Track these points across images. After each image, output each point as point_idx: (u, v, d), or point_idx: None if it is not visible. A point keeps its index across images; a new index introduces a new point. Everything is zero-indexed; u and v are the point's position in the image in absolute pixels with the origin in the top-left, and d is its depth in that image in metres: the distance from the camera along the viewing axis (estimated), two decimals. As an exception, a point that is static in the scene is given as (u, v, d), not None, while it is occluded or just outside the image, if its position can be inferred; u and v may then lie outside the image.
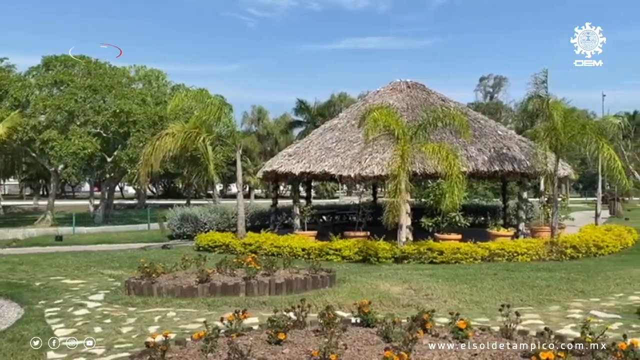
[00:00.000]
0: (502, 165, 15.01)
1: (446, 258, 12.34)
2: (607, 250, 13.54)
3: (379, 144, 14.85)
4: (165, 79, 31.51)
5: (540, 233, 14.99)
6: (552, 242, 13.12)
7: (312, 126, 36.75)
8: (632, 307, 7.53)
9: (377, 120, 12.53)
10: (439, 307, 7.38)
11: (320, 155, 15.89)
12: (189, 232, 18.63)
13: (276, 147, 49.76)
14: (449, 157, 12.52)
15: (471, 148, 15.38)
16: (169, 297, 8.38)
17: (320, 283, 9.16)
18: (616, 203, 30.97)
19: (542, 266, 11.70)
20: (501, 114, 64.98)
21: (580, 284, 9.43)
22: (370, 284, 9.51)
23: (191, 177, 35.75)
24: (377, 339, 5.07)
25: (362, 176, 14.84)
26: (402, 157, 12.64)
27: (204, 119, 15.18)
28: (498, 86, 77.55)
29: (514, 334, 5.12)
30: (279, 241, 13.90)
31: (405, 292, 8.84)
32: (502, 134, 16.92)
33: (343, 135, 16.60)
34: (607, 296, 8.48)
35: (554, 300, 8.16)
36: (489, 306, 7.60)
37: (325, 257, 12.86)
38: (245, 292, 8.57)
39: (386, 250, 12.51)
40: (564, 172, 16.36)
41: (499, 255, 12.60)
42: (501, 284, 9.49)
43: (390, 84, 19.12)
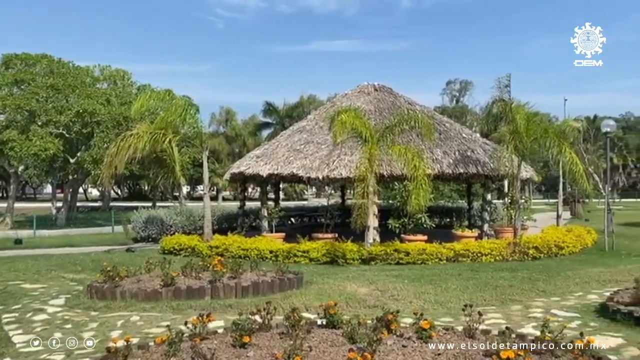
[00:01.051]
0: (467, 168, 15.28)
1: (412, 259, 12.48)
2: (568, 251, 13.90)
3: (347, 146, 14.93)
4: (130, 79, 30.95)
5: (504, 234, 15.30)
6: (515, 242, 13.40)
7: (281, 128, 36.68)
8: (590, 306, 7.76)
9: (345, 123, 12.60)
10: (405, 308, 7.45)
11: (288, 157, 15.87)
12: (154, 235, 18.33)
13: (244, 148, 49.46)
14: (414, 159, 12.68)
15: (437, 150, 15.61)
16: (133, 301, 8.22)
17: (287, 285, 9.14)
18: (577, 205, 31.85)
19: (505, 266, 11.95)
20: (467, 118, 66.18)
21: (542, 283, 9.67)
22: (337, 286, 9.56)
23: (157, 179, 35.18)
24: (342, 340, 5.08)
25: (330, 178, 14.88)
26: (370, 160, 12.73)
27: (169, 120, 14.95)
28: (464, 90, 79.12)
29: (476, 334, 5.20)
30: (246, 243, 13.80)
31: (372, 293, 8.90)
32: (467, 137, 17.24)
33: (311, 137, 16.63)
34: (566, 295, 8.70)
35: (516, 300, 8.34)
36: (453, 306, 7.72)
37: (293, 259, 12.84)
38: (210, 295, 8.47)
39: (354, 252, 12.57)
40: (527, 174, 16.76)
41: (463, 255, 12.81)
42: (465, 284, 9.66)
43: (358, 87, 19.26)
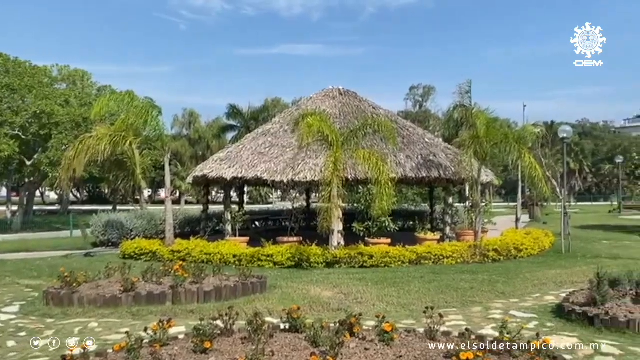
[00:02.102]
0: (429, 172, 15.49)
1: (376, 262, 12.56)
2: (526, 253, 14.23)
3: (312, 149, 14.93)
4: (90, 80, 30.28)
5: (465, 237, 15.59)
6: (475, 245, 13.66)
7: (246, 131, 36.36)
8: (547, 307, 7.97)
9: (312, 126, 12.60)
10: (368, 311, 7.49)
11: (252, 160, 15.76)
12: (115, 240, 17.90)
13: (208, 151, 48.92)
14: (378, 163, 12.78)
15: (400, 155, 15.78)
16: (91, 307, 8.02)
17: (250, 290, 9.07)
18: (535, 208, 32.72)
19: (466, 269, 12.16)
20: (430, 122, 67.24)
21: (501, 285, 9.88)
22: (301, 289, 9.54)
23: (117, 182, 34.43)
24: (305, 344, 5.07)
25: (295, 182, 14.85)
26: (335, 163, 12.78)
27: (130, 122, 14.68)
28: (427, 95, 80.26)
29: (437, 335, 5.27)
30: (209, 248, 13.63)
31: (336, 297, 8.93)
32: (430, 141, 17.50)
33: (276, 141, 16.56)
34: (525, 297, 8.91)
35: (476, 302, 8.49)
36: (416, 308, 7.80)
37: (257, 263, 12.75)
38: (172, 300, 8.33)
39: (318, 255, 12.57)
40: (487, 178, 17.12)
41: (426, 258, 12.98)
42: (428, 286, 9.79)
43: (323, 91, 19.30)
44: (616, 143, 77.41)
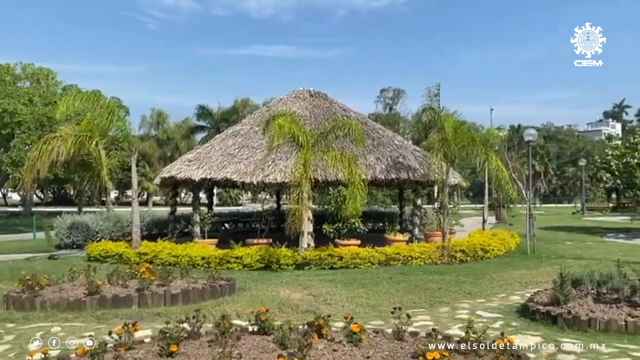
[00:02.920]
0: (399, 174, 15.63)
1: (346, 263, 12.60)
2: (493, 254, 14.48)
3: (282, 150, 14.90)
4: (55, 79, 29.54)
5: (433, 238, 15.77)
6: (443, 246, 13.83)
7: (216, 131, 36.12)
8: (513, 307, 8.12)
9: (282, 127, 12.55)
10: (337, 312, 7.51)
11: (222, 162, 15.63)
12: (80, 242, 17.48)
13: (177, 152, 48.35)
14: (351, 165, 12.83)
15: (370, 157, 15.88)
16: (54, 311, 7.81)
17: (219, 292, 8.98)
18: (502, 210, 33.34)
19: (434, 269, 12.30)
20: (399, 125, 67.92)
21: (468, 286, 10.02)
22: (270, 291, 9.50)
23: (83, 183, 33.69)
24: (273, 346, 5.04)
25: (265, 183, 14.77)
26: (305, 165, 12.76)
27: (97, 122, 14.38)
28: (397, 98, 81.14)
29: (405, 336, 5.31)
30: (177, 250, 13.44)
31: (305, 298, 8.91)
32: (399, 143, 17.66)
33: (246, 142, 16.46)
34: (491, 297, 9.07)
35: (444, 302, 8.60)
36: (384, 309, 7.84)
37: (226, 265, 12.62)
38: (138, 303, 8.18)
39: (288, 257, 12.53)
40: (455, 180, 17.37)
41: (395, 259, 13.07)
42: (396, 287, 9.87)
43: (293, 92, 19.28)
44: (579, 146, 79.67)
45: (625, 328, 6.29)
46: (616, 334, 6.22)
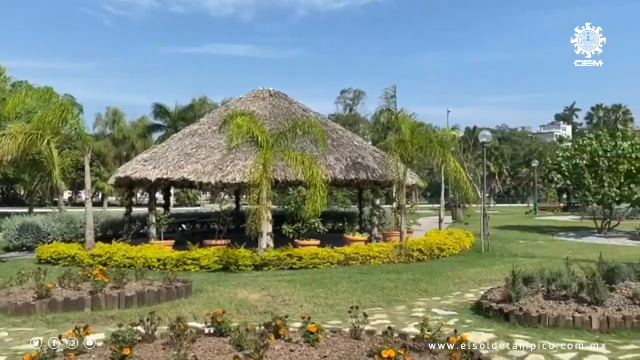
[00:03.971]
0: (358, 174, 15.75)
1: (305, 263, 12.60)
2: (449, 253, 14.78)
3: (241, 150, 14.77)
4: (4, 74, 28.39)
5: (391, 237, 15.98)
6: (401, 245, 14.01)
7: (173, 130, 35.46)
8: (467, 304, 8.30)
9: (241, 126, 12.43)
10: (295, 312, 7.49)
11: (178, 161, 15.37)
12: (30, 244, 16.84)
13: (133, 151, 47.30)
14: (311, 165, 12.83)
15: (329, 157, 15.94)
16: (1, 316, 7.50)
17: (175, 294, 8.82)
18: (458, 209, 34.12)
19: (391, 268, 12.45)
20: (359, 126, 68.49)
21: (424, 284, 10.19)
22: (228, 293, 9.40)
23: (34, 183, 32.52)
24: (229, 348, 4.99)
25: (224, 183, 14.62)
26: (265, 165, 12.67)
27: (48, 120, 13.87)
28: (357, 99, 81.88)
29: (362, 335, 5.34)
30: (132, 251, 13.14)
31: (263, 299, 8.87)
32: (358, 144, 17.80)
33: (204, 141, 16.24)
34: (446, 295, 9.25)
35: (400, 301, 8.72)
36: (342, 308, 7.87)
37: (183, 267, 12.41)
38: (91, 306, 7.95)
39: (247, 258, 12.43)
40: (413, 180, 17.64)
41: (353, 259, 13.16)
42: (355, 286, 9.93)
43: (253, 92, 19.16)
44: (532, 148, 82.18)
45: (572, 323, 6.52)
46: (564, 329, 6.44)
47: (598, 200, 22.09)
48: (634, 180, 21.47)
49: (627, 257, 12.43)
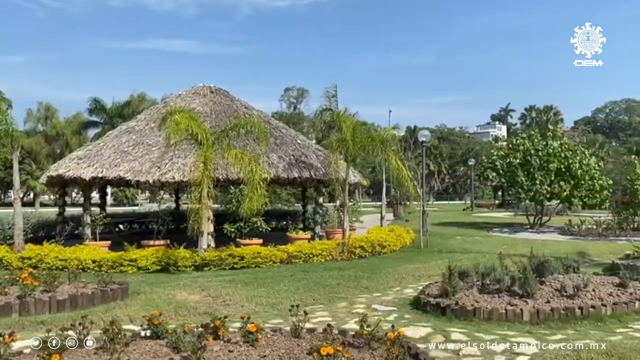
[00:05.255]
0: (301, 172, 15.76)
1: (247, 263, 12.47)
2: (390, 249, 15.04)
3: (180, 148, 14.43)
4: None
5: (334, 235, 16.09)
6: (343, 243, 14.14)
7: (110, 127, 34.27)
8: (406, 299, 8.47)
9: (180, 124, 12.14)
10: (236, 313, 7.40)
11: (115, 159, 14.84)
12: (-48, 247, 15.79)
13: (67, 149, 45.42)
14: (251, 163, 12.71)
15: (272, 155, 15.86)
16: None
17: (111, 297, 8.52)
18: (399, 207, 34.80)
19: (334, 266, 12.55)
20: (303, 124, 68.59)
21: (366, 280, 10.32)
22: (167, 294, 9.17)
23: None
24: (166, 351, 4.86)
25: (162, 182, 14.24)
26: (205, 163, 12.46)
27: (-28, 115, 13.06)
28: (301, 97, 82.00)
29: (302, 333, 5.34)
30: (65, 253, 12.57)
31: (203, 300, 8.71)
32: (301, 142, 17.81)
33: (141, 139, 15.76)
34: (387, 290, 9.40)
35: (342, 298, 8.79)
36: (284, 307, 7.84)
37: (120, 268, 12.01)
38: (19, 311, 7.55)
39: (186, 259, 12.17)
40: (355, 179, 17.83)
41: (296, 257, 13.15)
42: (297, 285, 9.93)
43: (193, 88, 18.78)
44: (470, 147, 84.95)
45: (505, 316, 6.78)
46: (498, 321, 6.69)
47: (530, 198, 23.13)
48: (564, 178, 22.63)
49: (556, 251, 13.07)
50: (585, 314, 6.75)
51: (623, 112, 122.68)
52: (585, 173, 22.44)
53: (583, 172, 22.43)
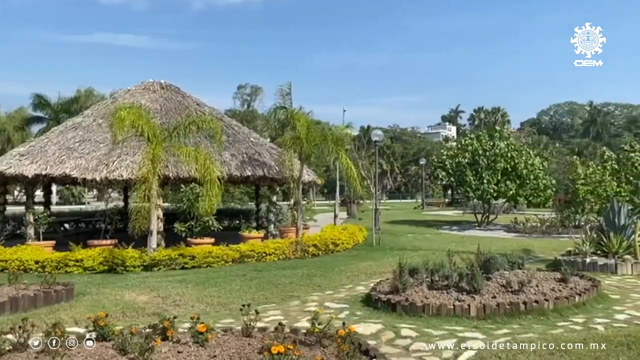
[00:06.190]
0: (254, 171, 15.65)
1: (198, 262, 12.28)
2: (343, 247, 15.14)
3: (129, 145, 14.08)
4: None
5: (288, 234, 16.06)
6: (297, 241, 14.14)
7: (55, 123, 32.96)
8: (358, 297, 8.53)
9: (125, 120, 11.77)
10: (186, 313, 7.27)
11: (60, 156, 14.30)
12: None
13: (9, 145, 43.39)
14: (206, 162, 12.51)
15: (225, 153, 15.67)
16: None
17: (55, 298, 8.21)
18: (352, 205, 35.09)
19: (287, 264, 12.53)
20: (257, 122, 68.12)
21: (319, 279, 10.35)
22: (114, 295, 8.93)
23: None
24: (112, 353, 4.71)
25: (110, 180, 13.83)
26: (154, 161, 12.17)
27: None
28: (255, 95, 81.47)
29: (253, 332, 5.31)
30: (5, 254, 12.03)
31: (152, 301, 8.52)
32: (255, 140, 17.68)
33: (88, 135, 15.25)
34: (339, 288, 9.45)
35: (295, 296, 8.77)
36: (236, 307, 7.74)
37: (65, 269, 11.59)
38: (-48, 317, 7.17)
39: (135, 259, 11.87)
40: (309, 177, 17.84)
41: (249, 256, 13.05)
42: (249, 284, 9.86)
43: (143, 84, 18.32)
44: (421, 147, 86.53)
45: (453, 311, 6.94)
46: (446, 317, 6.84)
47: (478, 196, 23.81)
48: (510, 178, 23.41)
49: (502, 248, 13.44)
50: (529, 309, 6.99)
51: (566, 115, 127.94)
52: (530, 173, 23.27)
53: (528, 172, 23.26)
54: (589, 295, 7.71)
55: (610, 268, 10.63)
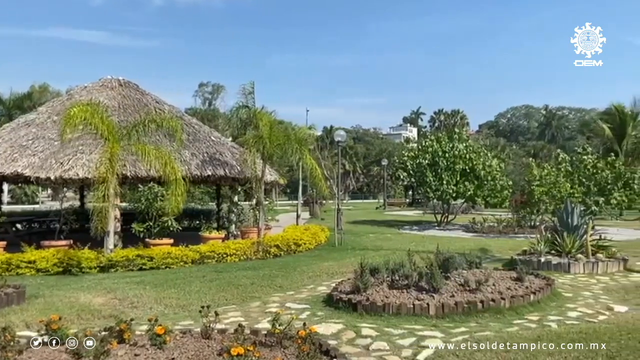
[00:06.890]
0: (215, 170, 15.46)
1: (156, 264, 12.04)
2: (305, 248, 15.13)
3: (85, 144, 13.71)
4: None
5: (249, 234, 15.93)
6: (258, 242, 14.04)
7: (8, 120, 31.78)
8: (319, 297, 8.54)
9: (74, 117, 11.36)
10: (144, 315, 7.11)
11: (11, 154, 13.80)
12: None
13: (-43, 142, 41.47)
14: (170, 161, 12.27)
15: (185, 152, 15.44)
16: None
17: (5, 301, 7.90)
18: (315, 205, 35.13)
19: (248, 265, 12.43)
20: (219, 121, 67.41)
21: (280, 279, 10.31)
22: (69, 297, 8.66)
23: None
24: (66, 357, 4.56)
25: (65, 179, 13.41)
26: (111, 160, 11.84)
27: None
28: (216, 93, 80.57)
29: (213, 334, 5.23)
30: (-49, 255, 11.51)
31: (109, 303, 8.30)
32: (216, 139, 17.48)
33: (42, 132, 14.76)
34: (300, 289, 9.43)
35: (255, 297, 8.70)
36: (195, 308, 7.62)
37: (16, 270, 11.18)
38: None
39: (91, 260, 11.55)
40: (272, 177, 17.76)
41: (209, 257, 12.88)
42: (209, 285, 9.72)
43: (100, 80, 17.86)
44: (383, 148, 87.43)
45: (413, 310, 7.02)
46: (406, 316, 6.91)
47: (438, 197, 24.23)
48: (468, 179, 23.90)
49: (461, 247, 13.75)
50: (486, 307, 7.15)
51: (523, 118, 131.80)
52: (488, 174, 23.82)
53: (486, 173, 23.80)
54: (543, 294, 7.94)
55: (563, 267, 10.98)
